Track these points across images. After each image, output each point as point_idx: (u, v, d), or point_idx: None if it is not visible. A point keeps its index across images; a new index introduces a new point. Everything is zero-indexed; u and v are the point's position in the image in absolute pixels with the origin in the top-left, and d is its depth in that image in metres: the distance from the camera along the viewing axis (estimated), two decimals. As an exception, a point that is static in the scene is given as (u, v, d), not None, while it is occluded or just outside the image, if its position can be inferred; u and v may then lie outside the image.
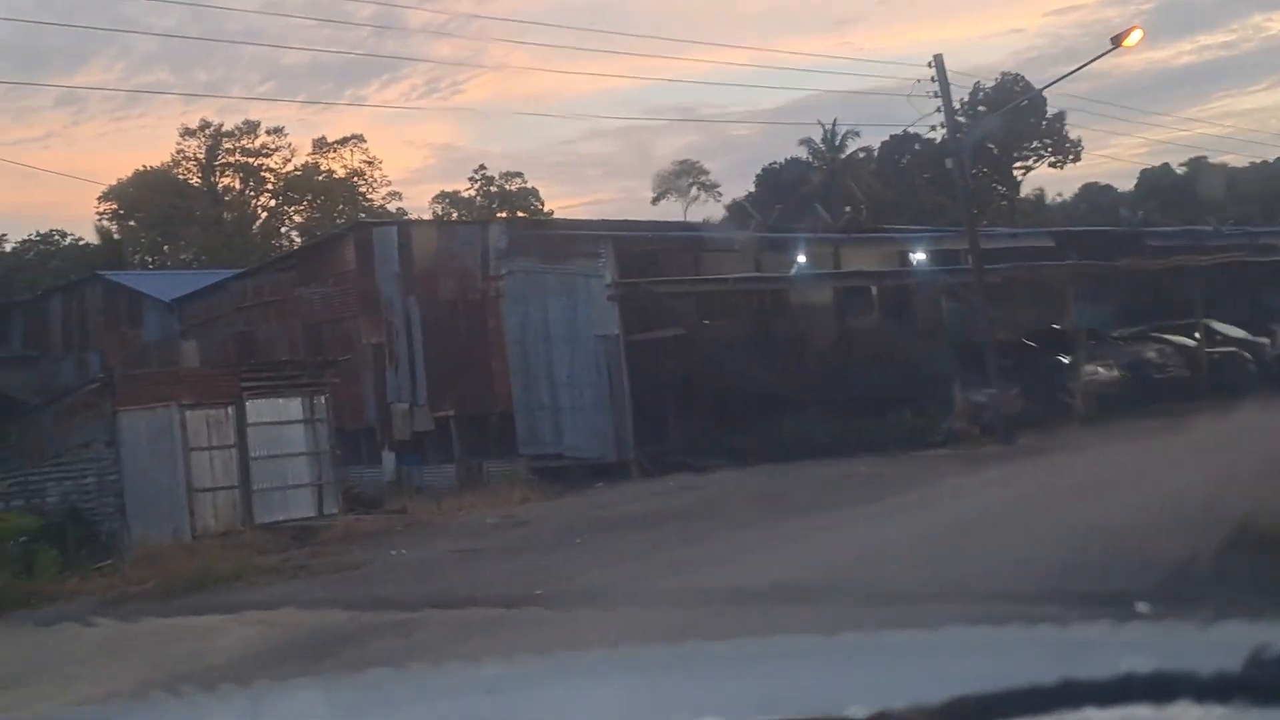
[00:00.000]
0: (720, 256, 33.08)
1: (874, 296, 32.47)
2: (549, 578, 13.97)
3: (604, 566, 14.65)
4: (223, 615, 13.33)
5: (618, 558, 15.27)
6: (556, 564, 15.25)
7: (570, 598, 12.33)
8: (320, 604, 13.33)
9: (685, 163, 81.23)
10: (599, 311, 29.51)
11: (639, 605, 11.39)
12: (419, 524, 21.75)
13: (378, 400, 31.95)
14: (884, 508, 17.91)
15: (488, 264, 30.86)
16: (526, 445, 30.14)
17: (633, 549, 15.94)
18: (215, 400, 23.19)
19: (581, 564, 14.97)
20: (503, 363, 30.58)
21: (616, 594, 12.24)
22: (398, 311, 31.81)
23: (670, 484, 24.58)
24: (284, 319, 33.24)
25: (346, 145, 65.01)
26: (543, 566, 15.10)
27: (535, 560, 15.81)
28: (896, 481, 21.13)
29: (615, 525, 18.88)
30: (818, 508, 18.42)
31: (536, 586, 13.40)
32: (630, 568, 14.28)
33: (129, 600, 15.73)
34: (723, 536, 16.25)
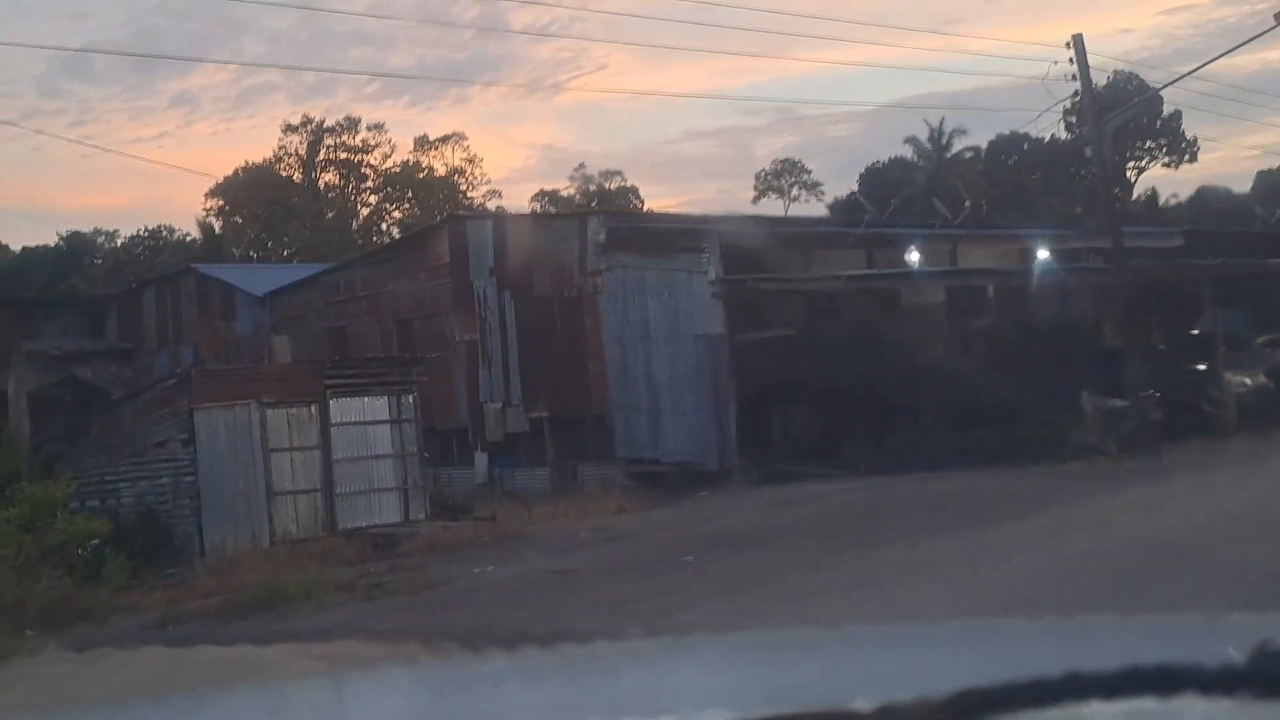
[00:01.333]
0: (830, 254, 30.94)
1: (993, 296, 30.13)
2: (653, 609, 12.10)
3: (715, 596, 12.73)
4: (282, 645, 11.65)
5: (730, 585, 13.33)
6: (661, 591, 13.36)
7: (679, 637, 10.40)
8: (391, 635, 11.59)
9: (786, 161, 79.03)
10: (702, 310, 27.60)
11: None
12: (509, 535, 19.99)
13: (470, 399, 30.35)
14: (1022, 532, 15.75)
15: (585, 259, 29.09)
16: (623, 449, 28.31)
17: (747, 574, 13.99)
18: (297, 399, 21.68)
19: (690, 592, 13.06)
20: (600, 362, 28.79)
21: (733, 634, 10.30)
22: (492, 307, 30.18)
23: (778, 495, 22.54)
24: (375, 314, 31.81)
25: (448, 143, 63.97)
26: (645, 594, 13.23)
27: (637, 584, 13.94)
28: (1028, 501, 18.91)
29: (723, 543, 16.94)
30: (946, 529, 16.30)
31: (638, 620, 11.53)
32: (746, 598, 12.34)
33: (188, 619, 14.16)
34: (848, 560, 14.23)
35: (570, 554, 17.12)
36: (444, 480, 30.17)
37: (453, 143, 63.68)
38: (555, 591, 14.08)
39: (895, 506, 19.33)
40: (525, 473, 29.43)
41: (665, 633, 10.84)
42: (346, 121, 55.02)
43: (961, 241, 31.58)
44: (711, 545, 16.81)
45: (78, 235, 69.39)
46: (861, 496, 21.01)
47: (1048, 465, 23.33)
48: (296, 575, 15.76)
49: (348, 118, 54.88)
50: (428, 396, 30.97)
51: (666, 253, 28.21)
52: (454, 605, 13.60)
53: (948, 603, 10.42)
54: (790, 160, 77.36)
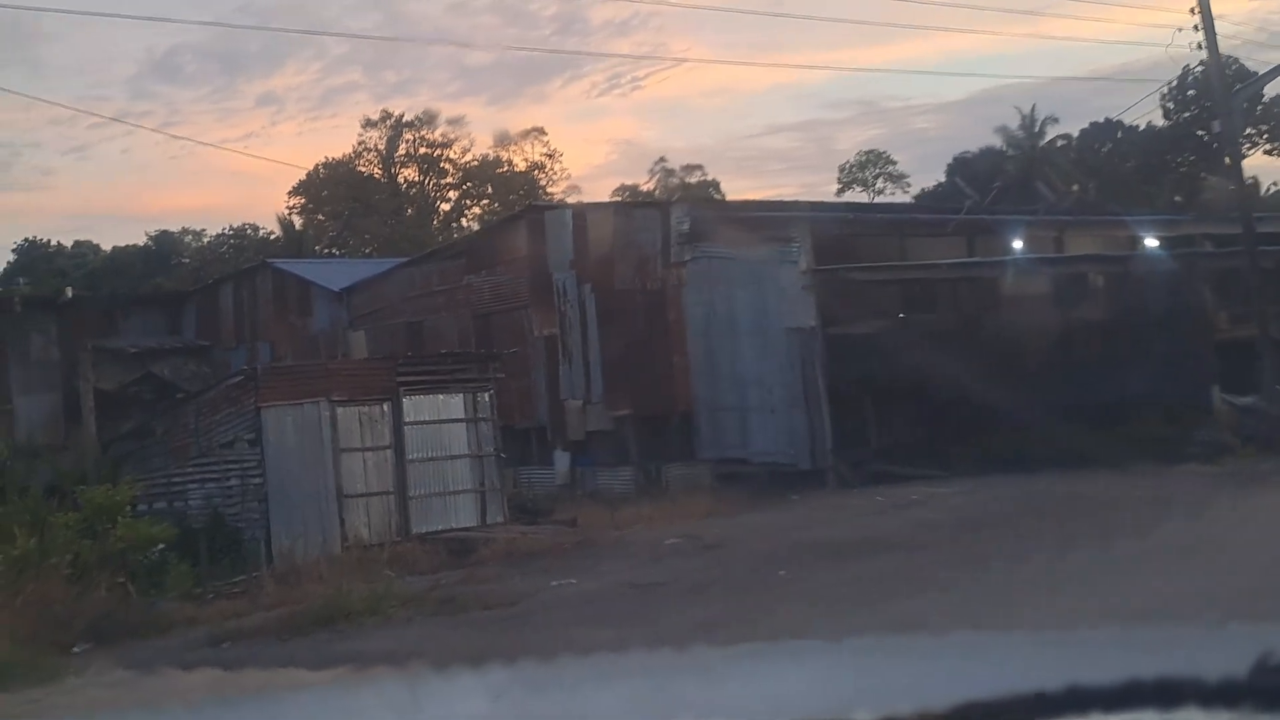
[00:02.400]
0: (925, 243, 29.23)
1: (1103, 286, 28.20)
2: (747, 634, 10.66)
3: (816, 619, 11.26)
4: (339, 669, 10.40)
5: (834, 605, 11.86)
6: (755, 611, 11.92)
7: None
8: (457, 658, 10.25)
9: (871, 153, 76.92)
10: (791, 302, 26.05)
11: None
12: (590, 542, 18.64)
13: (550, 396, 29.09)
14: (1161, 544, 14.05)
15: (669, 250, 27.68)
16: (709, 448, 26.88)
17: (851, 592, 12.50)
18: (369, 396, 20.54)
19: (788, 614, 11.59)
20: (684, 357, 27.37)
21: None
22: (572, 301, 28.89)
23: (878, 499, 20.98)
24: (453, 309, 30.66)
25: (527, 138, 63.00)
26: (738, 615, 11.80)
27: (728, 604, 12.51)
28: (1158, 506, 17.19)
29: (822, 554, 15.44)
30: (1074, 541, 14.64)
31: (730, 647, 10.06)
32: (854, 621, 10.85)
33: (245, 636, 12.98)
34: (967, 578, 12.68)
35: (655, 565, 15.73)
36: (522, 481, 29.02)
37: (532, 138, 62.73)
38: (639, 609, 12.69)
39: (1011, 512, 17.67)
40: (607, 473, 28.10)
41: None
42: (425, 116, 54.25)
43: (1068, 228, 29.68)
44: (809, 556, 15.32)
45: (166, 235, 69.50)
46: (970, 500, 19.38)
47: (1172, 466, 21.51)
48: (365, 586, 14.54)
49: (426, 112, 54.22)
50: (505, 393, 29.79)
51: (754, 242, 26.69)
52: (528, 625, 12.25)
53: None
54: (875, 151, 75.28)
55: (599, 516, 21.79)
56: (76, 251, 72.20)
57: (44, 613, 13.42)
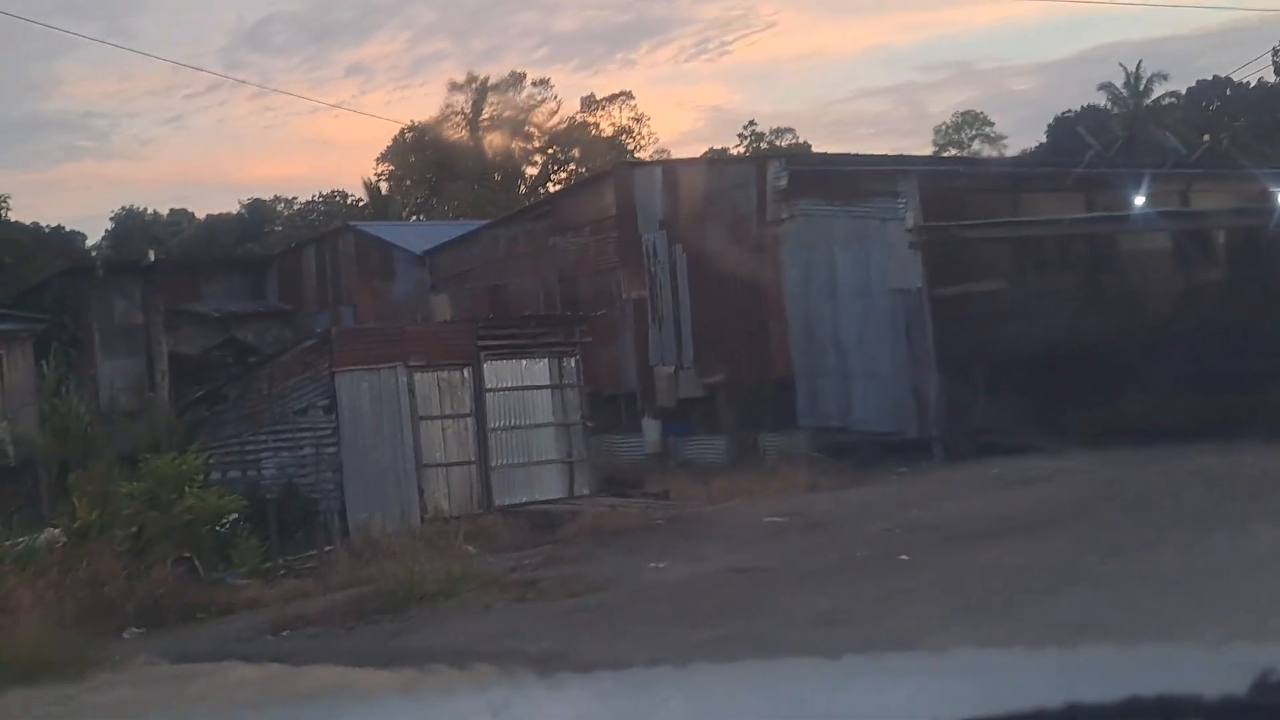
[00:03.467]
0: (1040, 198, 27.16)
1: (1240, 242, 25.95)
2: (871, 631, 9.08)
3: (955, 614, 9.62)
4: (398, 670, 9.03)
5: (971, 598, 10.21)
6: (879, 603, 10.32)
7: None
8: (535, 660, 8.81)
9: (968, 114, 73.95)
10: (897, 261, 24.24)
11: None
12: (684, 518, 17.13)
13: (639, 362, 27.59)
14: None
15: (765, 207, 25.97)
16: (807, 417, 25.20)
17: (987, 582, 10.83)
18: (449, 361, 19.19)
19: (921, 609, 9.96)
20: (781, 321, 25.70)
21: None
22: (662, 262, 27.31)
23: (993, 472, 19.19)
24: (538, 271, 29.23)
25: (615, 102, 61.42)
26: (859, 607, 10.20)
27: (844, 593, 10.92)
28: None
29: (943, 536, 13.77)
30: (1223, 524, 12.81)
31: (857, 650, 8.48)
32: (1003, 625, 9.17)
33: (309, 622, 11.66)
34: (1116, 568, 10.94)
35: (758, 546, 14.17)
36: (610, 450, 27.61)
37: (619, 102, 61.13)
38: (744, 599, 11.14)
39: (1146, 489, 15.82)
40: (699, 442, 26.56)
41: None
42: (511, 78, 52.88)
43: (1195, 182, 27.43)
44: (930, 538, 13.65)
45: (258, 203, 69.23)
46: (1099, 476, 17.51)
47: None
48: (441, 565, 13.17)
49: (513, 74, 52.74)
50: (593, 359, 28.30)
51: (856, 198, 24.89)
52: (616, 618, 10.76)
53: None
54: (972, 112, 72.39)
55: (692, 489, 20.28)
56: (172, 220, 72.25)
57: (95, 593, 12.23)
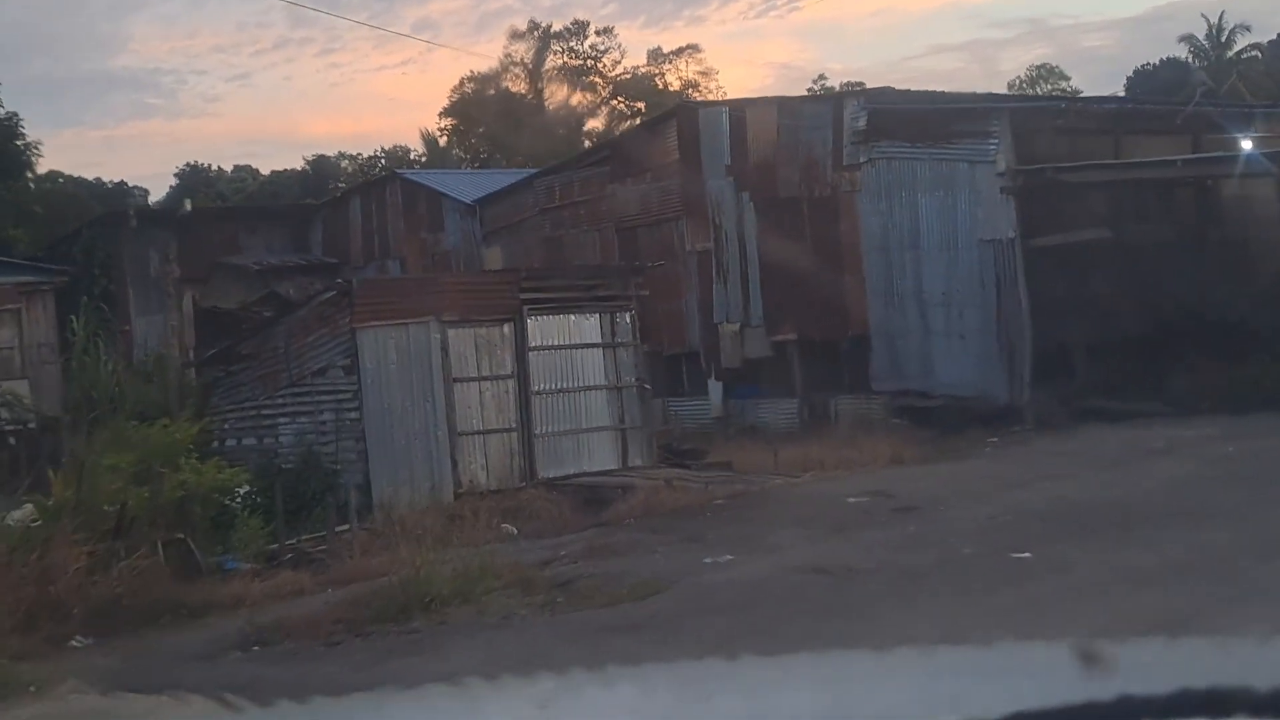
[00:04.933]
0: (1145, 141, 24.06)
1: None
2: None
3: (1117, 639, 6.98)
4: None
5: (1128, 616, 7.56)
6: (1011, 625, 7.67)
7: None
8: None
9: (1043, 68, 69.91)
10: (987, 208, 21.38)
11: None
12: (749, 496, 14.55)
13: (703, 320, 24.96)
14: None
15: (841, 151, 23.15)
16: (885, 379, 22.48)
17: (1146, 597, 8.16)
18: (488, 316, 16.71)
19: (1066, 630, 7.33)
20: (858, 275, 22.93)
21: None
22: (728, 212, 24.61)
23: (1102, 443, 16.39)
24: (595, 221, 26.64)
25: (682, 56, 58.58)
26: (985, 624, 7.57)
27: (964, 609, 8.29)
28: None
29: (1063, 524, 11.08)
30: None
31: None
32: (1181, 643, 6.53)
33: (288, 634, 9.23)
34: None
35: (840, 535, 11.55)
36: (671, 414, 25.08)
37: (687, 55, 58.21)
38: (832, 613, 8.55)
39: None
40: (768, 405, 23.94)
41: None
42: (575, 26, 50.14)
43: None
44: (1047, 529, 10.97)
45: (322, 159, 67.41)
46: (1228, 449, 14.67)
47: None
48: (459, 557, 10.71)
49: (576, 22, 50.00)
50: (653, 316, 25.68)
51: (942, 139, 22.01)
52: (667, 637, 8.21)
53: None
54: (1048, 66, 68.42)
55: (758, 459, 17.73)
56: (236, 176, 70.52)
57: (42, 591, 9.92)
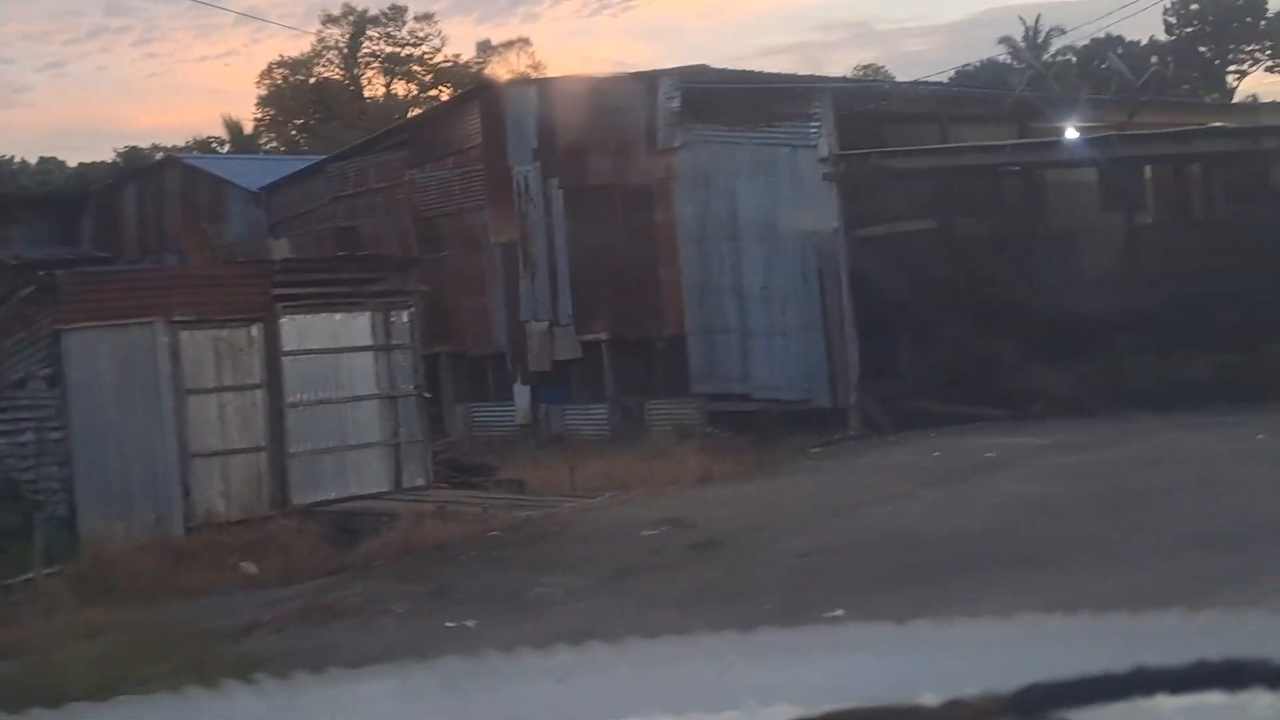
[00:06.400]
0: (971, 129, 22.36)
1: (1214, 172, 21.49)
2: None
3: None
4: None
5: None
6: None
7: None
8: None
9: (869, 68, 69.24)
10: (809, 197, 19.34)
11: None
12: (531, 526, 12.05)
13: (509, 318, 22.39)
14: None
15: (655, 134, 20.85)
16: (702, 381, 20.26)
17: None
18: (232, 316, 13.83)
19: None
20: (674, 269, 20.67)
21: None
22: (535, 200, 22.09)
23: (935, 455, 14.40)
24: (392, 210, 23.82)
25: (512, 49, 55.90)
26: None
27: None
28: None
29: (894, 566, 8.87)
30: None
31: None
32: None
33: None
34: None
35: (620, 585, 9.12)
36: (475, 421, 22.50)
37: (517, 48, 55.55)
38: None
39: (1152, 480, 11.06)
40: (577, 411, 21.53)
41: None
42: (392, 11, 46.91)
43: (1141, 111, 22.86)
44: (874, 571, 8.74)
45: (134, 151, 62.61)
46: (1075, 460, 12.75)
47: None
48: (109, 632, 7.95)
49: (393, 6, 46.81)
50: (455, 314, 23.14)
51: (762, 121, 19.90)
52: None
53: None
54: (874, 67, 67.76)
55: (556, 475, 15.26)
56: (41, 168, 65.19)
57: None
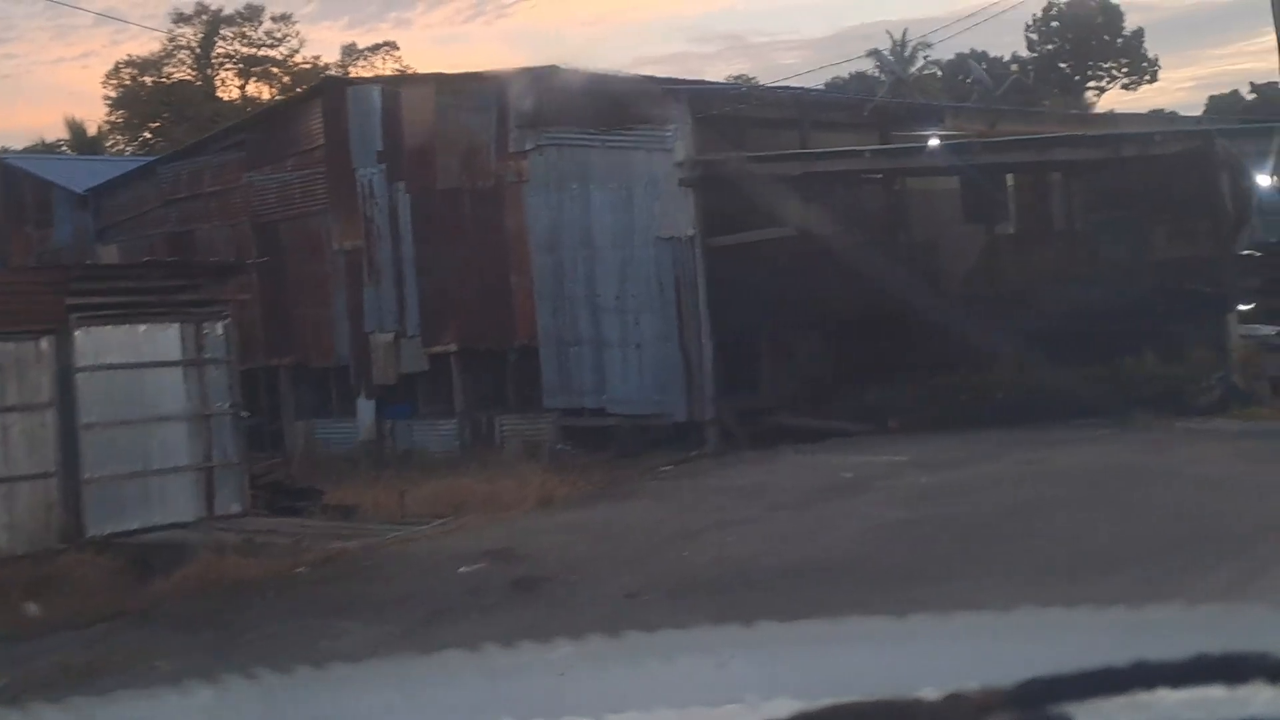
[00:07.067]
0: (832, 137, 21.73)
1: (1073, 180, 21.14)
2: None
3: None
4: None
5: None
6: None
7: None
8: None
9: (742, 78, 69.18)
10: (665, 203, 18.47)
11: None
12: (346, 559, 10.85)
13: (353, 328, 21.05)
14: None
15: (506, 136, 19.77)
16: (555, 395, 19.22)
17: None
18: (16, 328, 12.35)
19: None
20: (525, 277, 19.60)
21: None
22: (380, 204, 20.81)
23: (792, 471, 13.59)
24: (229, 215, 22.29)
25: (378, 53, 54.15)
26: None
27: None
28: (1229, 485, 10.18)
29: (728, 602, 7.93)
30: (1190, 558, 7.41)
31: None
32: None
33: None
34: None
35: (426, 632, 7.99)
36: (317, 438, 21.13)
37: (384, 52, 53.84)
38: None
39: (1022, 500, 10.35)
40: (425, 426, 20.31)
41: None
42: (248, 10, 44.85)
43: (1002, 119, 22.50)
44: (705, 613, 7.79)
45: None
46: (937, 480, 12.02)
47: (1186, 420, 14.59)
48: None
49: (249, 5, 44.75)
50: (298, 325, 21.71)
51: (616, 124, 18.95)
52: None
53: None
54: (745, 77, 67.66)
55: (390, 498, 14.07)
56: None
57: None
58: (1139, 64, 72.01)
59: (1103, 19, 73.42)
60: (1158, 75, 74.21)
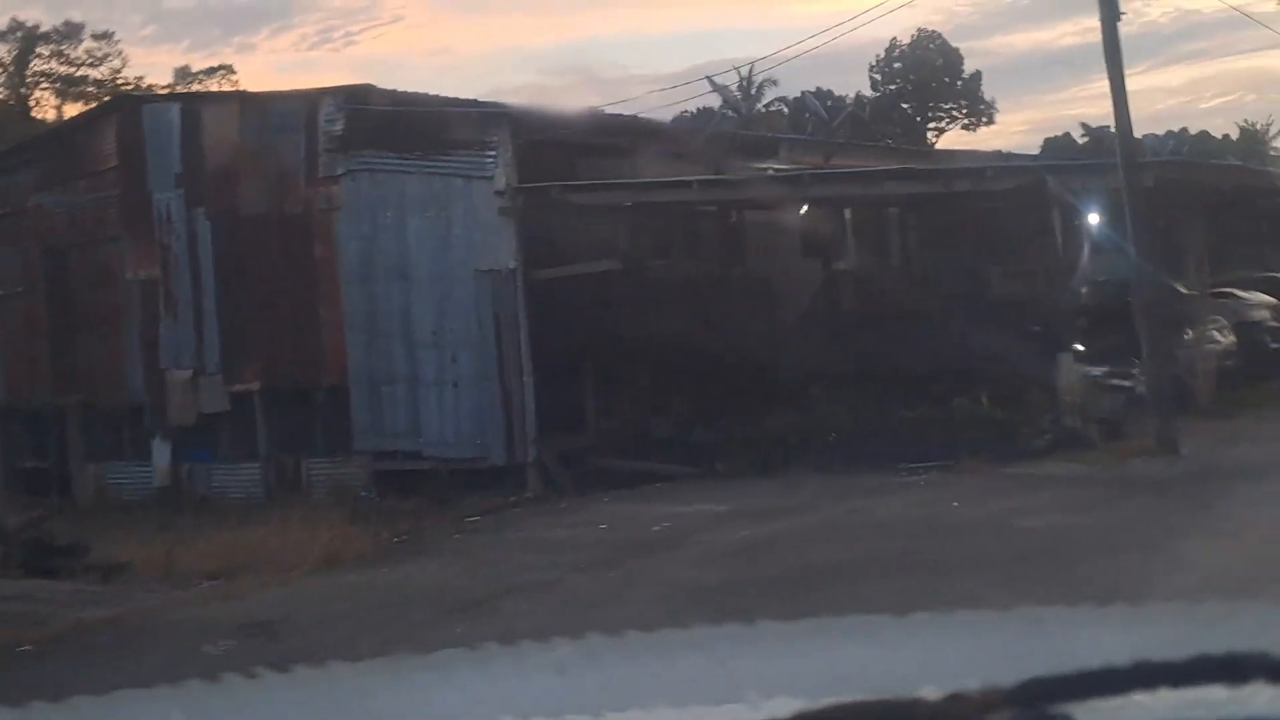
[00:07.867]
0: (667, 169, 20.97)
1: (911, 216, 20.72)
2: None
3: None
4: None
5: None
6: None
7: None
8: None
9: (591, 109, 68.59)
10: (485, 233, 17.39)
11: None
12: (83, 634, 9.42)
13: (147, 365, 19.34)
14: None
15: (316, 160, 18.42)
16: (367, 437, 17.86)
17: None
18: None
19: None
20: (335, 311, 18.22)
21: None
22: (179, 231, 19.18)
23: (608, 523, 12.55)
24: (15, 240, 20.40)
25: (214, 76, 52.04)
26: None
27: None
28: (1058, 540, 9.55)
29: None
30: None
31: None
32: None
33: None
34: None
35: None
36: (107, 484, 19.37)
37: (219, 76, 51.75)
38: None
39: (848, 557, 9.50)
40: (226, 470, 18.72)
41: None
42: (66, 28, 42.28)
43: (838, 153, 22.05)
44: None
45: None
46: (755, 534, 11.13)
47: (1017, 463, 14.07)
48: None
49: (67, 23, 42.21)
50: (87, 361, 19.97)
51: (434, 149, 17.80)
52: None
53: None
54: (596, 108, 67.13)
55: (158, 558, 12.57)
56: None
57: None
58: (977, 106, 74.06)
59: (942, 61, 75.10)
60: (995, 118, 76.33)
